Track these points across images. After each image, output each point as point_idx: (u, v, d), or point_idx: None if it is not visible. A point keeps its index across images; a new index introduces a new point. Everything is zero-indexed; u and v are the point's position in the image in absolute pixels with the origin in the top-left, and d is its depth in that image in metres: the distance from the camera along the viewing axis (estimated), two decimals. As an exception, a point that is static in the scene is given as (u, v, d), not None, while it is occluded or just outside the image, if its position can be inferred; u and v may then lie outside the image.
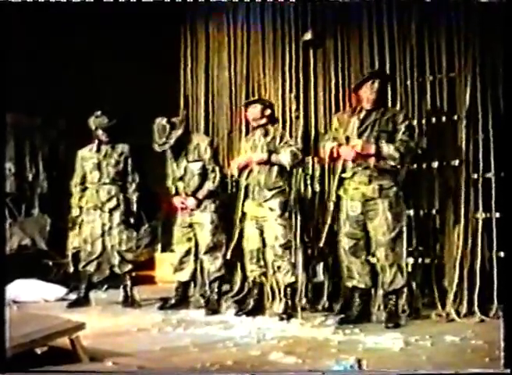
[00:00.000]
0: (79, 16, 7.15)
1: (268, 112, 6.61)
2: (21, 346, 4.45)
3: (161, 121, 6.85)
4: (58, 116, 9.29)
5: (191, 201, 6.84)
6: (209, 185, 6.84)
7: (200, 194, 6.83)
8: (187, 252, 6.98)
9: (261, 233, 6.47)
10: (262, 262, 6.52)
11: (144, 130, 8.03)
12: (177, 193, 6.97)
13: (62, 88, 8.81)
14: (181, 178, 6.91)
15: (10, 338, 4.37)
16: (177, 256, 7.04)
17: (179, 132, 6.86)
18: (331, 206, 6.15)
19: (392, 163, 5.89)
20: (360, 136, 5.94)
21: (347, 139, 6.01)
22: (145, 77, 8.88)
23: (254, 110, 6.61)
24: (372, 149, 5.85)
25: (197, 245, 6.94)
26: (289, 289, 6.38)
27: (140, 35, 8.76)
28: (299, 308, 6.34)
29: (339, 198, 6.10)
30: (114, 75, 8.91)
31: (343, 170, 6.04)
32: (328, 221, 6.16)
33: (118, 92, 8.77)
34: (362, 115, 6.02)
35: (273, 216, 6.35)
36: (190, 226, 6.93)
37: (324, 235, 6.21)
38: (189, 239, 6.96)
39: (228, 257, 6.88)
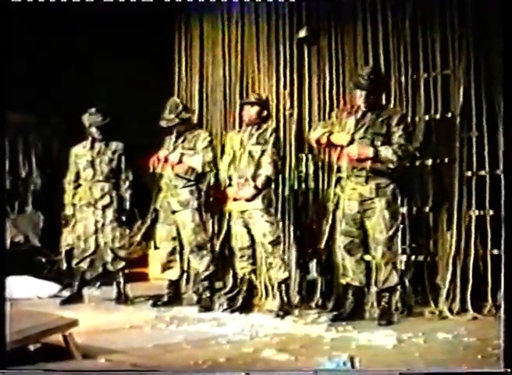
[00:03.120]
0: (78, 15, 7.16)
1: (264, 113, 6.59)
2: (14, 343, 4.45)
3: (176, 99, 7.12)
4: (52, 113, 9.28)
5: (174, 156, 6.85)
6: (194, 161, 6.80)
7: (187, 161, 6.82)
8: (173, 251, 6.98)
9: (249, 230, 6.46)
10: (252, 260, 6.53)
11: (138, 127, 8.06)
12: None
13: (56, 86, 8.79)
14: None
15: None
16: (163, 255, 7.05)
17: (188, 115, 7.01)
18: (330, 207, 6.15)
19: (391, 166, 5.88)
20: (354, 136, 5.93)
21: None
22: (139, 75, 8.88)
23: (251, 111, 6.56)
24: (370, 152, 5.82)
25: (181, 244, 6.95)
26: (283, 285, 6.38)
27: (135, 33, 8.76)
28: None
29: (335, 195, 6.11)
30: (108, 73, 8.91)
31: (338, 169, 6.04)
32: (329, 222, 6.15)
33: (112, 90, 8.77)
34: (359, 115, 5.99)
35: (258, 213, 6.34)
36: (174, 224, 6.92)
37: (325, 237, 6.21)
38: (173, 238, 6.95)
39: (216, 251, 6.96)
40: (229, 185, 6.51)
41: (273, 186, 6.62)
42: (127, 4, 5.88)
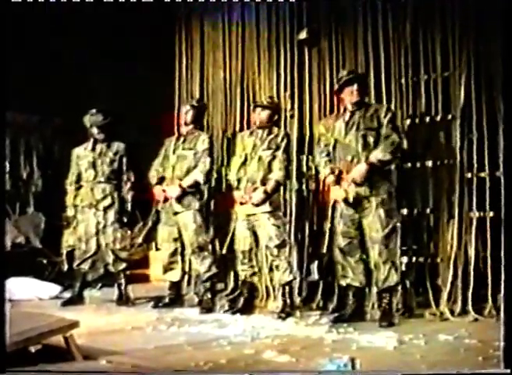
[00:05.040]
0: (78, 16, 7.17)
1: (275, 117, 6.65)
2: (15, 344, 4.44)
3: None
4: (54, 114, 9.29)
5: (173, 190, 6.82)
6: (196, 175, 6.81)
7: (185, 183, 6.81)
8: (174, 252, 6.98)
9: (253, 233, 6.48)
10: (254, 262, 6.55)
11: (140, 128, 8.06)
12: (160, 184, 7.00)
13: (56, 87, 8.79)
14: (173, 168, 6.93)
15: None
16: (165, 256, 7.05)
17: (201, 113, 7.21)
18: (329, 210, 6.17)
19: (389, 165, 5.93)
20: (346, 135, 5.98)
21: (336, 141, 6.04)
22: (140, 76, 8.90)
23: (262, 114, 6.61)
24: (364, 169, 5.86)
25: (183, 245, 6.95)
26: (287, 287, 6.39)
27: (136, 34, 8.77)
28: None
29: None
30: (109, 74, 8.92)
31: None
32: (328, 225, 6.17)
33: (113, 91, 8.78)
34: (347, 116, 6.05)
35: (266, 216, 6.36)
36: (175, 225, 6.92)
37: (326, 240, 6.22)
38: (175, 239, 6.95)
39: (224, 252, 6.97)
40: (237, 188, 6.53)
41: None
42: (128, 5, 5.88)
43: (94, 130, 7.34)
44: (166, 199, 6.87)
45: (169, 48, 8.21)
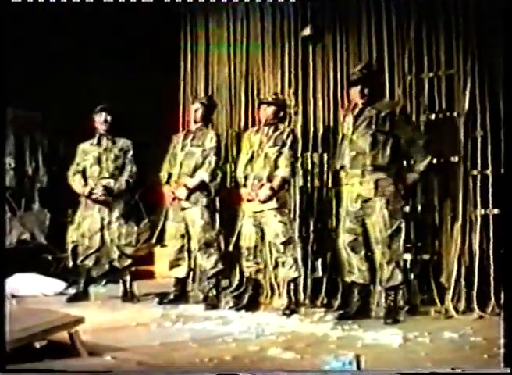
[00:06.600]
0: (79, 15, 7.18)
1: (281, 113, 6.65)
2: (20, 340, 4.45)
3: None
4: (58, 111, 9.29)
5: (181, 192, 6.85)
6: (201, 174, 6.85)
7: (191, 183, 6.84)
8: (181, 249, 6.99)
9: (260, 230, 6.48)
10: (259, 259, 6.55)
11: (140, 128, 8.07)
12: (168, 182, 7.02)
13: (57, 87, 8.79)
14: (180, 164, 6.95)
15: (9, 332, 4.37)
16: (171, 253, 7.06)
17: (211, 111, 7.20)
18: (334, 205, 6.20)
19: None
20: (354, 131, 5.97)
21: (343, 137, 6.05)
22: (145, 74, 8.90)
23: (268, 110, 6.60)
24: (413, 178, 6.00)
25: (190, 241, 6.96)
26: (292, 284, 6.40)
27: (141, 32, 8.77)
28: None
29: (338, 193, 6.16)
30: (114, 72, 8.93)
31: (342, 167, 6.07)
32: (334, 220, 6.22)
33: (118, 89, 8.78)
34: (356, 112, 6.04)
35: (272, 213, 6.37)
36: (183, 221, 6.94)
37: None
38: (182, 235, 6.96)
39: (222, 249, 6.98)
40: (244, 185, 6.54)
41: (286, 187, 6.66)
42: (128, 5, 5.89)
43: (99, 126, 7.34)
44: (175, 198, 6.91)
45: (171, 46, 8.23)
